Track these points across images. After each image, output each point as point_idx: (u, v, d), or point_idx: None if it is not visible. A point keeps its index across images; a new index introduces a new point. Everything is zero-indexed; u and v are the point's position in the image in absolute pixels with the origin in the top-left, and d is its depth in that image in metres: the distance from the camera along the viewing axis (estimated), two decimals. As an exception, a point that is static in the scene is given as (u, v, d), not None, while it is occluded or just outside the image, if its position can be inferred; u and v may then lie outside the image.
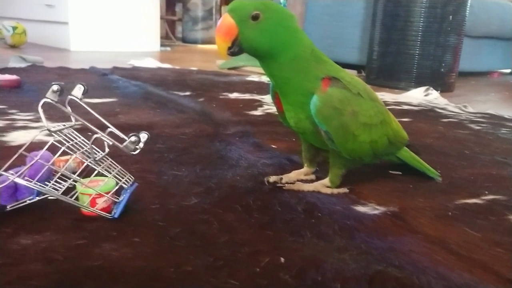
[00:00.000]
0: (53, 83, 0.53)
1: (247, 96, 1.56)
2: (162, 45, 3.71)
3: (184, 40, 4.87)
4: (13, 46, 2.96)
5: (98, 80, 1.71)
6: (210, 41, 4.85)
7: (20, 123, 0.99)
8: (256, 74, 2.28)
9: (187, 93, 1.53)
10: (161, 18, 4.02)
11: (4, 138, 0.86)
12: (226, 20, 0.57)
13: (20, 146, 0.81)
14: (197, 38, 4.80)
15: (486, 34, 2.66)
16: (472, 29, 2.38)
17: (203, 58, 3.28)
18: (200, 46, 4.64)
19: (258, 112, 1.28)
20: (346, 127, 0.62)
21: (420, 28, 1.95)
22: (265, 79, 2.07)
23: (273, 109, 1.34)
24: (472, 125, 1.27)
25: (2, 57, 2.35)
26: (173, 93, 1.48)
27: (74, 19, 3.09)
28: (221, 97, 1.51)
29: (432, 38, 1.96)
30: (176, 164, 0.76)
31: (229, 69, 2.48)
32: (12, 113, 1.08)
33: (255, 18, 0.57)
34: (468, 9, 2.01)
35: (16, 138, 0.87)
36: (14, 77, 1.45)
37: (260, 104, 1.42)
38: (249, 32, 0.58)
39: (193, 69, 2.33)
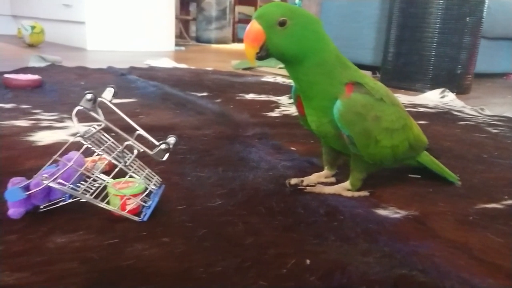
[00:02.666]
0: (87, 91, 0.54)
1: (263, 97, 1.57)
2: (176, 44, 3.74)
3: (198, 39, 4.89)
4: (31, 45, 3.01)
5: (117, 80, 1.73)
6: (224, 41, 4.87)
7: (45, 123, 1.01)
8: (271, 74, 2.29)
9: (204, 94, 1.54)
10: (176, 17, 4.04)
11: (31, 138, 0.89)
12: (253, 26, 0.58)
13: (46, 146, 0.85)
14: (211, 37, 4.82)
15: (503, 36, 2.64)
16: (489, 30, 2.36)
17: (218, 58, 3.30)
18: (214, 45, 4.66)
19: (275, 114, 1.30)
20: (368, 132, 0.63)
21: (437, 29, 1.95)
22: (280, 80, 2.08)
23: (289, 110, 1.35)
24: (490, 128, 1.27)
25: (22, 56, 2.39)
26: (191, 94, 1.50)
27: (91, 19, 3.14)
28: (237, 98, 1.52)
29: (448, 39, 1.95)
30: (199, 165, 0.78)
31: (243, 69, 2.49)
32: (36, 113, 1.11)
33: (282, 24, 0.58)
34: (485, 10, 2.00)
35: (43, 138, 0.89)
36: (36, 77, 1.48)
37: (276, 105, 1.43)
38: (276, 37, 0.59)
39: (208, 69, 2.35)
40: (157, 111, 1.21)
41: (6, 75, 1.44)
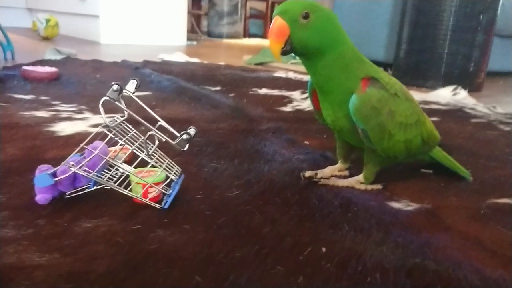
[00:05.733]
0: (113, 82, 0.57)
1: (275, 92, 1.59)
2: (188, 39, 3.76)
3: (210, 34, 4.91)
4: (45, 38, 3.05)
5: (131, 73, 1.76)
6: (235, 36, 4.89)
7: (64, 114, 1.04)
8: (283, 70, 2.30)
9: (218, 88, 1.56)
10: (188, 12, 4.06)
11: (52, 129, 0.91)
12: (278, 22, 0.60)
13: (68, 137, 0.87)
14: (222, 32, 4.84)
15: (517, 34, 2.62)
16: (503, 28, 2.35)
17: (229, 53, 3.31)
18: (225, 40, 4.68)
19: (288, 109, 1.31)
20: (383, 126, 0.64)
21: (450, 27, 1.94)
22: (292, 75, 2.09)
23: (302, 106, 1.37)
24: (502, 126, 1.27)
25: (37, 49, 2.43)
26: (205, 88, 1.52)
27: (105, 13, 3.17)
28: (250, 92, 1.54)
29: (461, 37, 1.95)
30: (215, 157, 0.80)
31: (255, 64, 2.51)
32: (55, 105, 1.13)
33: (305, 17, 0.60)
34: (499, 7, 1.99)
35: (63, 128, 0.92)
36: (53, 69, 1.51)
37: (289, 100, 1.45)
38: (300, 31, 0.60)
39: (220, 64, 2.36)
40: (172, 105, 1.23)
41: (24, 67, 1.47)
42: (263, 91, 1.59)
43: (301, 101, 1.44)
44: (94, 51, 2.64)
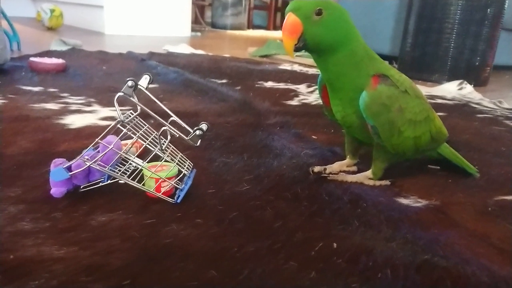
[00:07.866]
0: (128, 78, 0.57)
1: (282, 85, 1.59)
2: (192, 30, 3.75)
3: (214, 25, 4.90)
4: (50, 29, 3.05)
5: (137, 65, 1.76)
6: (240, 27, 4.88)
7: (73, 107, 1.05)
8: (288, 62, 2.30)
9: (224, 81, 1.57)
10: (192, 3, 4.05)
11: (62, 121, 0.92)
12: (291, 18, 0.60)
13: (78, 129, 0.88)
14: (226, 23, 4.82)
15: (524, 28, 2.61)
16: (510, 21, 2.33)
17: (234, 44, 3.31)
18: (229, 31, 4.66)
19: (294, 102, 1.32)
20: (393, 122, 0.65)
21: (456, 20, 1.94)
22: (297, 68, 2.09)
23: (309, 99, 1.37)
24: (508, 122, 1.28)
25: (42, 39, 2.43)
26: (211, 81, 1.52)
27: (109, 3, 3.16)
28: (257, 86, 1.54)
29: (468, 30, 1.94)
30: (225, 152, 0.81)
31: (260, 56, 2.50)
32: (64, 97, 1.14)
33: (318, 14, 0.60)
34: (506, 1, 1.98)
35: (73, 121, 0.93)
36: (60, 61, 1.51)
37: (295, 94, 1.45)
38: (313, 28, 0.61)
39: (226, 56, 2.36)
40: (179, 98, 1.24)
41: (32, 59, 1.48)
42: (269, 84, 1.60)
43: (307, 95, 1.44)
44: (99, 42, 2.64)
